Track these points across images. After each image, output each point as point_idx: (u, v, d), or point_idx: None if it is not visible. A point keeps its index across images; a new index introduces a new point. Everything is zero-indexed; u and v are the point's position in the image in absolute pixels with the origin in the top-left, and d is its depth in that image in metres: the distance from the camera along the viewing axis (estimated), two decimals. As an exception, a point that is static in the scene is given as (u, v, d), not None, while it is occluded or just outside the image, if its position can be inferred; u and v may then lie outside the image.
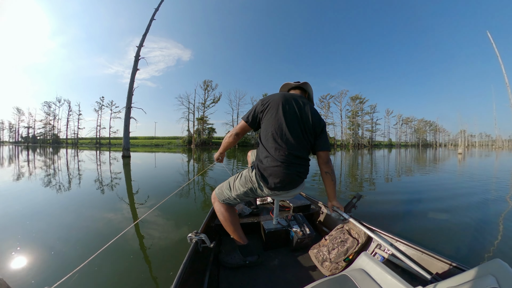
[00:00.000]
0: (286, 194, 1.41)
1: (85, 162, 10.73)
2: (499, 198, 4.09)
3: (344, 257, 1.47)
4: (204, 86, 48.56)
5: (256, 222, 1.92)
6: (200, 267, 1.30)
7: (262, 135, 1.35)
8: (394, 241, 1.40)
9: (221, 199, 1.47)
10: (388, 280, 0.95)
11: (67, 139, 53.21)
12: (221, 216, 1.48)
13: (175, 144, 49.68)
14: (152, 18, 13.80)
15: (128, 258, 1.92)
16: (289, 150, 1.27)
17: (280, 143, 1.27)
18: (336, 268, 1.45)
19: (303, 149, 1.34)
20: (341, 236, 1.58)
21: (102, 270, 1.75)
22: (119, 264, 1.84)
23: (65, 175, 6.24)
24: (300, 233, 1.65)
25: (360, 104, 56.94)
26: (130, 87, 13.03)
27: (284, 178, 1.26)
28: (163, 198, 2.48)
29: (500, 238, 2.39)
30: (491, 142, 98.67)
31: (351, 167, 9.41)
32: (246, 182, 1.37)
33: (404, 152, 27.47)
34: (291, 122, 1.30)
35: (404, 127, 78.64)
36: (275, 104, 1.31)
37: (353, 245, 1.49)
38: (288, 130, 1.28)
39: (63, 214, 3.05)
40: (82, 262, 1.16)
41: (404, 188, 5.09)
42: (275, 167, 1.25)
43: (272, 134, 1.29)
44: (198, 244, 1.28)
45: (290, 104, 1.33)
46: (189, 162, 10.77)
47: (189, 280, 1.04)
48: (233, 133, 1.47)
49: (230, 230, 1.48)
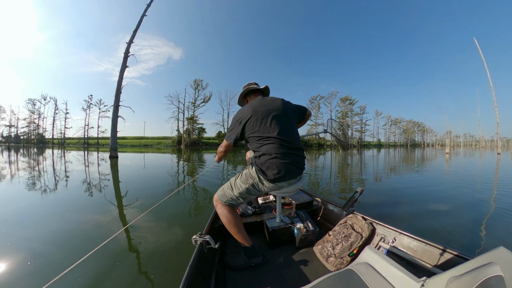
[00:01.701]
0: (287, 188, 1.41)
1: (72, 163, 10.32)
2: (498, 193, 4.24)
3: (348, 252, 1.47)
4: (195, 85, 48.15)
5: (259, 221, 1.90)
6: (206, 269, 1.29)
7: (252, 141, 1.41)
8: (398, 234, 1.41)
9: (224, 200, 1.48)
10: (393, 272, 0.96)
11: (53, 139, 50.94)
12: (224, 219, 1.48)
13: (164, 145, 48.59)
14: (144, 14, 13.53)
15: (114, 263, 1.83)
16: (280, 143, 1.34)
17: (271, 140, 1.34)
18: (341, 263, 1.45)
19: (293, 139, 1.41)
20: (344, 231, 1.58)
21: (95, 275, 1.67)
22: (109, 268, 1.77)
23: (49, 178, 5.92)
24: (303, 229, 1.65)
25: (350, 105, 58.22)
26: (119, 85, 12.69)
27: (282, 168, 1.30)
28: (153, 201, 2.41)
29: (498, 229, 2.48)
30: (475, 142, 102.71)
31: (341, 167, 9.53)
32: (247, 178, 1.40)
33: (394, 152, 28.12)
34: (272, 119, 1.38)
35: (393, 127, 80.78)
36: (251, 114, 1.39)
37: (357, 240, 1.50)
38: (274, 126, 1.37)
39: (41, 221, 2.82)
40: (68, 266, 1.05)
41: (397, 185, 5.19)
42: (272, 159, 1.31)
43: (261, 136, 1.36)
44: (203, 245, 1.27)
45: (261, 107, 1.42)
46: (178, 163, 10.52)
47: (196, 281, 1.03)
48: (222, 150, 1.62)
49: (234, 233, 1.47)
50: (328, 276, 0.99)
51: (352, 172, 7.51)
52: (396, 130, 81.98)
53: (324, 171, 7.48)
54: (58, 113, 51.10)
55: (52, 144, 48.56)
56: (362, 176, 6.67)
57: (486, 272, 0.62)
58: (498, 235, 2.40)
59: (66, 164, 9.45)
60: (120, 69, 12.85)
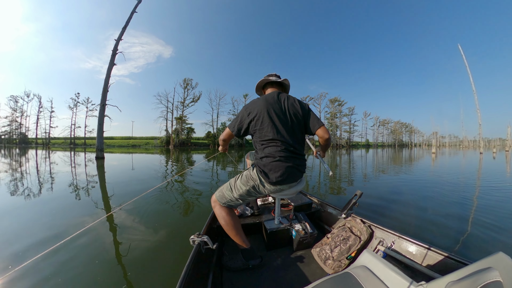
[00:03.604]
0: (287, 191, 1.41)
1: (57, 164, 9.89)
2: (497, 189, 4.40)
3: (346, 255, 1.47)
4: (184, 84, 47.32)
5: (258, 222, 1.89)
6: (203, 269, 1.29)
7: (256, 139, 1.39)
8: (396, 238, 1.42)
9: (223, 201, 1.45)
10: (391, 276, 0.96)
11: (37, 138, 48.58)
12: (222, 221, 1.46)
13: (152, 145, 47.54)
14: (134, 11, 13.20)
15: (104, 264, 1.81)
16: (285, 146, 1.33)
17: (276, 142, 1.33)
18: (339, 266, 1.45)
19: (298, 144, 1.40)
20: (343, 234, 1.58)
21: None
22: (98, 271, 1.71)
23: (31, 180, 5.61)
24: (302, 232, 1.64)
25: (338, 107, 59.05)
26: (106, 83, 12.31)
27: (284, 171, 1.30)
28: (142, 204, 2.35)
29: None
30: (458, 142, 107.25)
31: (331, 166, 9.62)
32: (248, 180, 1.38)
33: (382, 152, 28.78)
34: (281, 121, 1.35)
35: (381, 128, 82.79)
36: (261, 110, 1.35)
37: (355, 243, 1.49)
38: (281, 129, 1.34)
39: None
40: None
41: (385, 185, 5.29)
42: (274, 162, 1.30)
43: (267, 136, 1.34)
44: (201, 246, 1.26)
45: (274, 106, 1.37)
46: (167, 165, 10.22)
47: (193, 281, 1.02)
48: (221, 139, 1.61)
49: (232, 234, 1.46)
50: (325, 279, 0.99)
51: (341, 172, 7.61)
52: (384, 130, 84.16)
53: (313, 171, 7.58)
54: (43, 111, 48.60)
55: (36, 144, 46.43)
56: (351, 176, 6.76)
57: (485, 277, 0.62)
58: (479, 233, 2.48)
59: (51, 166, 9.04)
60: (108, 68, 12.47)
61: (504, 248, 2.17)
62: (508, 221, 2.82)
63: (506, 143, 38.61)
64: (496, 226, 2.63)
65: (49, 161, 11.35)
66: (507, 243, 2.23)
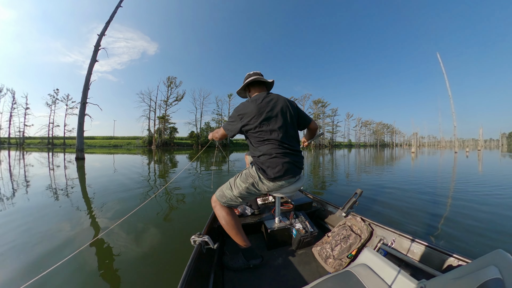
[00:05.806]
0: (287, 188, 1.41)
1: (33, 166, 9.25)
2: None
3: (347, 253, 1.48)
4: (168, 82, 46.14)
5: (258, 222, 1.88)
6: (205, 269, 1.29)
7: (253, 140, 1.41)
8: (397, 236, 1.44)
9: (223, 201, 1.46)
10: (391, 274, 0.97)
11: (10, 138, 44.77)
12: (223, 221, 1.46)
13: (134, 145, 45.91)
14: (119, 5, 12.70)
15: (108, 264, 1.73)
16: (281, 144, 1.36)
17: (271, 141, 1.36)
18: (340, 264, 1.45)
19: (293, 141, 1.44)
20: (343, 232, 1.59)
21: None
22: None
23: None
24: (302, 231, 1.65)
25: (322, 108, 60.45)
26: (87, 81, 11.77)
27: (282, 167, 1.32)
28: (127, 208, 2.24)
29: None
30: (436, 143, 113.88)
31: (313, 166, 9.82)
32: (247, 177, 1.41)
33: (364, 151, 29.83)
34: (275, 121, 1.38)
35: (363, 129, 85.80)
36: (254, 113, 1.36)
37: (356, 241, 1.51)
38: (276, 128, 1.37)
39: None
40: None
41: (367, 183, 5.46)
42: (272, 158, 1.33)
43: (262, 137, 1.37)
44: (202, 246, 1.28)
45: (266, 107, 1.39)
46: (149, 164, 9.76)
47: (194, 281, 1.03)
48: (217, 136, 1.65)
49: (232, 234, 1.46)
50: (326, 277, 0.99)
51: (324, 169, 7.76)
52: (366, 131, 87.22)
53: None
54: (17, 108, 44.53)
55: (8, 145, 43.06)
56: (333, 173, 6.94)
57: (485, 275, 0.63)
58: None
59: (25, 168, 8.45)
60: (89, 64, 11.94)
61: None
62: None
63: (478, 143, 41.59)
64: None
65: (23, 162, 10.54)
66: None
